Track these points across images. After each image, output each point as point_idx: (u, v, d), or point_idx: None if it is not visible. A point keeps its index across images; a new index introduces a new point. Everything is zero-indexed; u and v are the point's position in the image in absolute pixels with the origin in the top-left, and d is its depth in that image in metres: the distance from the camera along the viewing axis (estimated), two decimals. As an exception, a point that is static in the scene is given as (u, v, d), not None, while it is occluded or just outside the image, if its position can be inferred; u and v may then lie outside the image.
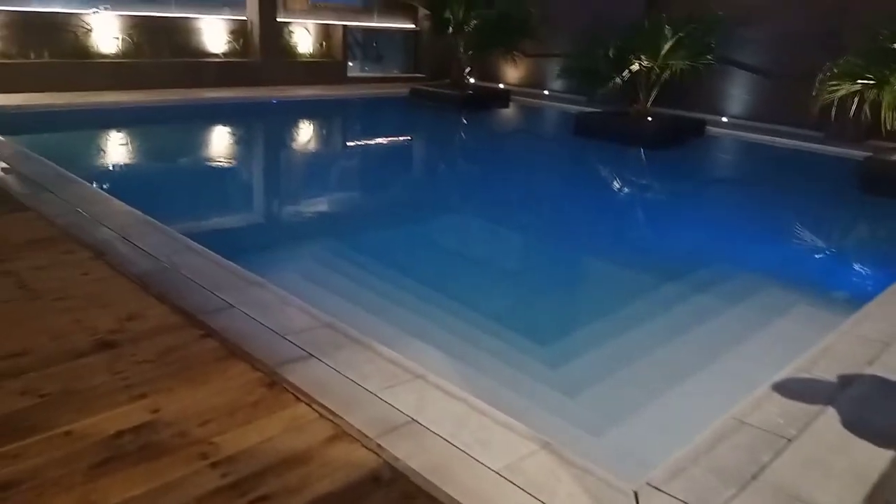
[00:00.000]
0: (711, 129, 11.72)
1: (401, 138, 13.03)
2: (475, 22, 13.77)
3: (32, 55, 10.87)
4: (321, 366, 3.00)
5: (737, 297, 5.28)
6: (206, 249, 4.60)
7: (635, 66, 11.04)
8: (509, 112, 14.59)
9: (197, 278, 4.08)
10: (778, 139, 10.99)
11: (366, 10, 16.18)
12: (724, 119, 12.27)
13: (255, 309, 3.59)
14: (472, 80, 15.26)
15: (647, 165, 10.80)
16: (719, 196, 9.38)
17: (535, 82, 15.49)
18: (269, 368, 2.87)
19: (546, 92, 15.03)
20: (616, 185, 9.90)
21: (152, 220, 5.20)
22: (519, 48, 14.23)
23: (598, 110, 12.19)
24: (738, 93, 12.38)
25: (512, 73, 15.82)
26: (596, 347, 4.31)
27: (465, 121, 13.73)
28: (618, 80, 11.24)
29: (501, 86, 15.68)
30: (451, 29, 14.02)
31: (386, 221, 7.06)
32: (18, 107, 9.47)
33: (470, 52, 14.42)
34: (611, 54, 11.30)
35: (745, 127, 11.78)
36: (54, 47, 11.10)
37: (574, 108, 12.96)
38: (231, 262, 4.39)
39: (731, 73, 12.22)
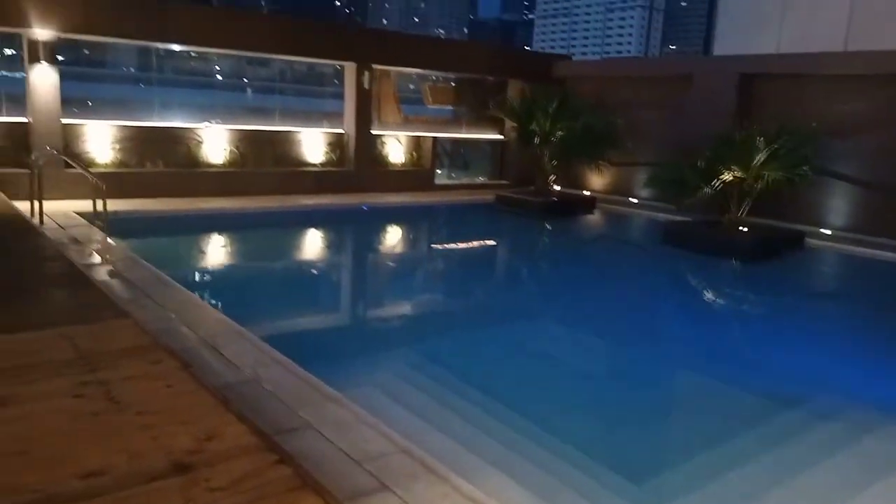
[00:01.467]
0: (811, 242, 11.17)
1: (486, 244, 13.13)
2: (560, 133, 14.03)
3: (149, 164, 11.85)
4: (394, 500, 2.84)
5: (843, 425, 4.77)
6: (289, 361, 4.64)
7: (727, 177, 10.80)
8: (595, 219, 14.51)
9: (278, 391, 4.08)
10: (883, 252, 10.32)
11: (455, 122, 16.88)
12: (826, 231, 11.69)
13: (331, 429, 3.51)
14: (557, 188, 15.39)
15: (742, 279, 10.33)
16: (820, 313, 8.76)
17: (621, 190, 15.44)
18: (340, 503, 2.74)
19: (633, 200, 14.91)
20: (709, 299, 9.47)
21: (240, 327, 5.34)
22: (604, 157, 14.33)
23: (689, 219, 11.92)
24: (838, 204, 11.85)
25: (597, 181, 15.86)
26: (697, 489, 3.92)
27: (549, 227, 13.74)
28: (707, 190, 11.02)
29: (587, 193, 15.71)
30: (536, 139, 14.33)
31: (470, 333, 6.97)
32: (133, 212, 10.23)
33: (555, 161, 14.62)
34: (700, 165, 11.15)
35: (847, 239, 11.17)
36: (169, 157, 12.08)
37: (662, 217, 12.74)
38: (312, 375, 4.39)
39: (830, 184, 11.75)
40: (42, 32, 10.27)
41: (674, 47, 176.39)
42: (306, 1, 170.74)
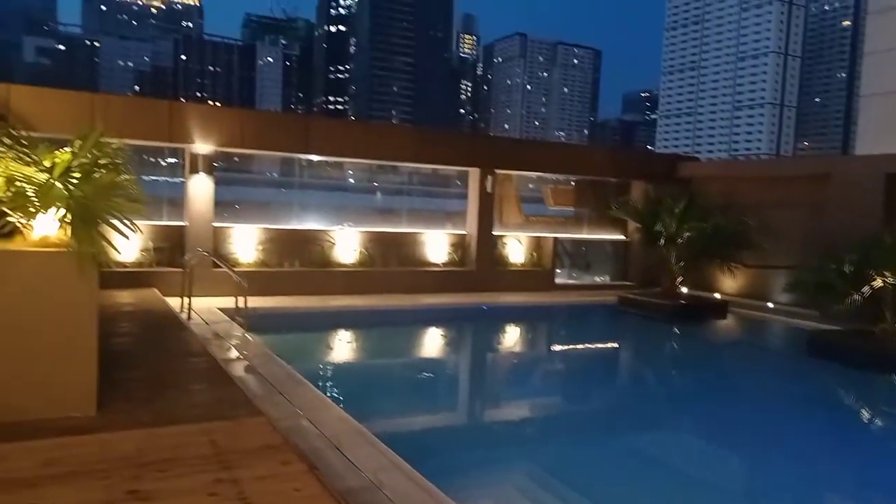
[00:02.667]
0: None
1: (610, 347, 12.70)
2: (688, 234, 13.61)
3: (286, 264, 12.68)
4: None
5: None
6: (410, 467, 4.61)
7: (878, 283, 9.93)
8: (727, 324, 13.68)
9: (398, 500, 4.04)
10: None
11: (576, 222, 16.88)
12: None
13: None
14: (684, 290, 14.76)
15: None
16: None
17: (756, 294, 14.55)
18: None
19: (770, 305, 13.98)
20: (867, 420, 8.50)
21: (363, 428, 5.40)
22: (736, 259, 13.67)
23: (837, 328, 10.96)
24: None
25: (729, 284, 15.07)
26: None
27: (678, 332, 13.11)
28: (857, 296, 10.14)
29: (717, 296, 14.93)
30: (662, 240, 13.98)
31: (597, 444, 6.64)
32: (270, 309, 10.87)
33: (682, 263, 14.12)
34: (847, 269, 10.34)
35: None
36: (304, 257, 12.88)
37: (807, 325, 11.80)
38: (432, 485, 4.32)
39: None
40: (202, 147, 11.54)
41: (807, 144, 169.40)
42: (433, 108, 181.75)
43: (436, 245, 14.20)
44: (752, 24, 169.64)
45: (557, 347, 12.90)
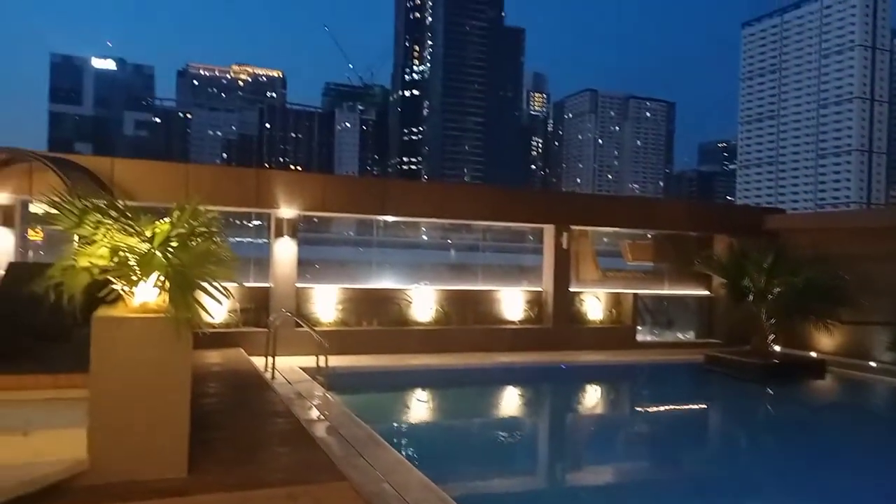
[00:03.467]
0: None
1: (698, 409, 12.11)
2: (778, 289, 13.00)
3: (365, 323, 12.86)
4: None
5: None
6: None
7: None
8: (826, 385, 12.83)
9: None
10: None
11: (656, 278, 16.43)
12: None
13: None
14: (776, 348, 13.99)
15: None
16: None
17: (856, 352, 13.62)
18: None
19: (873, 364, 13.04)
20: None
21: (444, 494, 5.30)
22: (832, 315, 12.90)
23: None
24: None
25: (825, 341, 14.19)
26: None
27: (771, 393, 12.38)
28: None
29: (813, 354, 14.07)
30: (750, 296, 13.39)
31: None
32: (350, 368, 11.01)
33: (773, 320, 13.44)
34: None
35: None
36: (382, 316, 13.04)
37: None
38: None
39: None
40: (287, 212, 12.02)
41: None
42: (504, 165, 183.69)
43: (512, 302, 14.10)
44: (834, 71, 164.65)
45: (641, 409, 12.40)
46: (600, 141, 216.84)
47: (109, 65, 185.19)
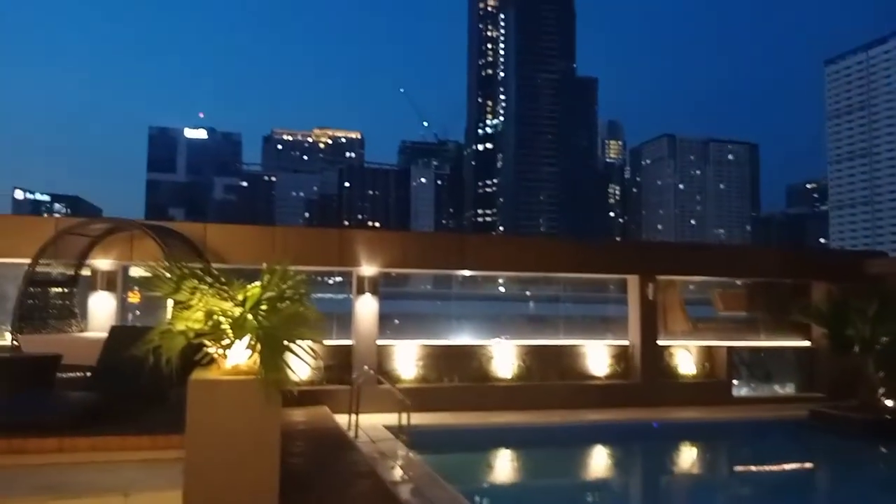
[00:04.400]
0: None
1: (804, 470, 11.23)
2: (885, 339, 12.07)
3: (445, 380, 12.76)
4: None
5: None
6: None
7: None
8: (950, 444, 11.66)
9: None
10: None
11: (750, 328, 15.63)
12: None
13: None
14: (888, 402, 12.89)
15: None
16: None
17: (984, 407, 12.37)
18: None
19: None
20: None
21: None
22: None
23: None
24: None
25: (947, 395, 12.98)
26: None
27: (884, 451, 11.36)
28: None
29: (933, 410, 12.87)
30: (855, 347, 12.48)
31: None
32: (432, 426, 10.88)
33: (881, 372, 12.44)
34: None
35: None
36: (463, 372, 12.91)
37: None
38: None
39: None
40: (368, 269, 12.23)
41: None
42: (580, 214, 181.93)
43: (596, 356, 13.69)
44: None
45: (743, 470, 11.62)
46: (681, 186, 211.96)
47: (201, 134, 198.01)
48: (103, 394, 6.31)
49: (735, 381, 14.41)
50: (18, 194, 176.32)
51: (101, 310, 11.06)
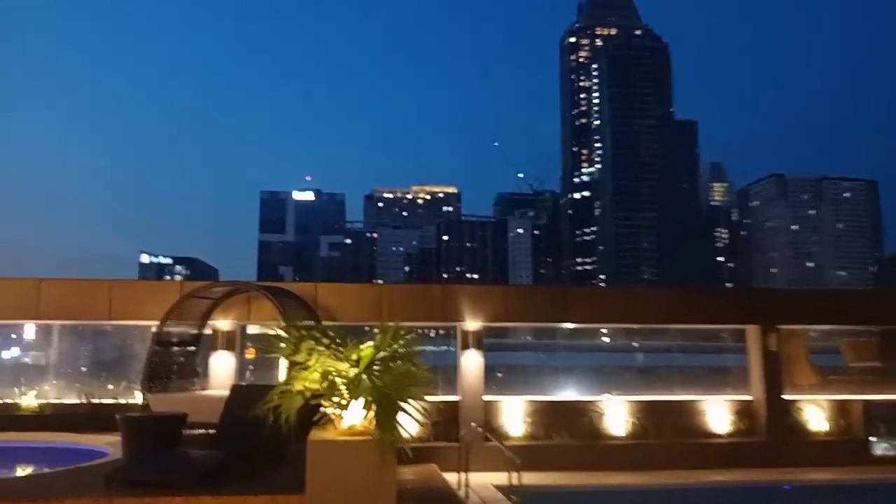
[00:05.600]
0: None
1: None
2: None
3: (555, 437, 12.38)
4: None
5: None
6: None
7: None
8: None
9: None
10: None
11: (887, 380, 14.25)
12: None
13: None
14: None
15: None
16: None
17: None
18: None
19: None
20: None
21: None
22: None
23: None
24: None
25: None
26: None
27: None
28: None
29: None
30: None
31: None
32: (543, 487, 10.51)
33: None
34: None
35: None
36: (573, 429, 12.49)
37: None
38: None
39: None
40: (472, 324, 12.23)
41: None
42: (685, 260, 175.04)
43: (716, 412, 12.88)
44: None
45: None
46: (794, 227, 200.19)
47: (308, 196, 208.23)
48: (225, 452, 6.55)
49: (873, 438, 13.11)
50: (144, 258, 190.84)
51: (222, 368, 11.63)
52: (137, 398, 11.33)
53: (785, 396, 12.91)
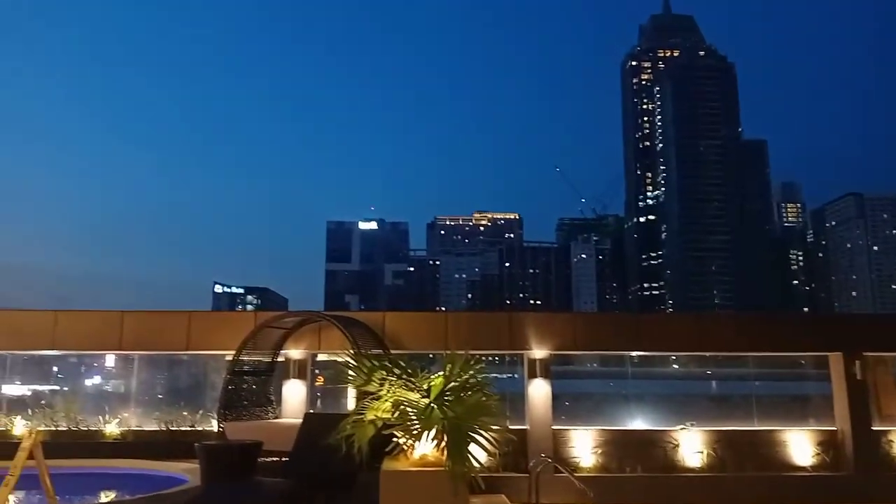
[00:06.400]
0: None
1: None
2: None
3: (628, 469, 12.03)
4: None
5: None
6: None
7: None
8: None
9: None
10: None
11: None
12: None
13: None
14: None
15: None
16: None
17: None
18: None
19: None
20: None
21: None
22: None
23: None
24: None
25: None
26: None
27: None
28: None
29: None
30: None
31: None
32: (615, 520, 10.24)
33: None
34: None
35: None
36: (646, 461, 12.11)
37: None
38: None
39: None
40: (539, 353, 12.11)
41: None
42: (758, 284, 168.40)
43: (798, 444, 12.27)
44: None
45: None
46: (875, 248, 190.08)
47: (372, 226, 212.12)
48: (297, 480, 6.68)
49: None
50: (217, 288, 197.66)
51: (293, 396, 11.89)
52: (213, 426, 11.68)
53: (874, 427, 12.18)
